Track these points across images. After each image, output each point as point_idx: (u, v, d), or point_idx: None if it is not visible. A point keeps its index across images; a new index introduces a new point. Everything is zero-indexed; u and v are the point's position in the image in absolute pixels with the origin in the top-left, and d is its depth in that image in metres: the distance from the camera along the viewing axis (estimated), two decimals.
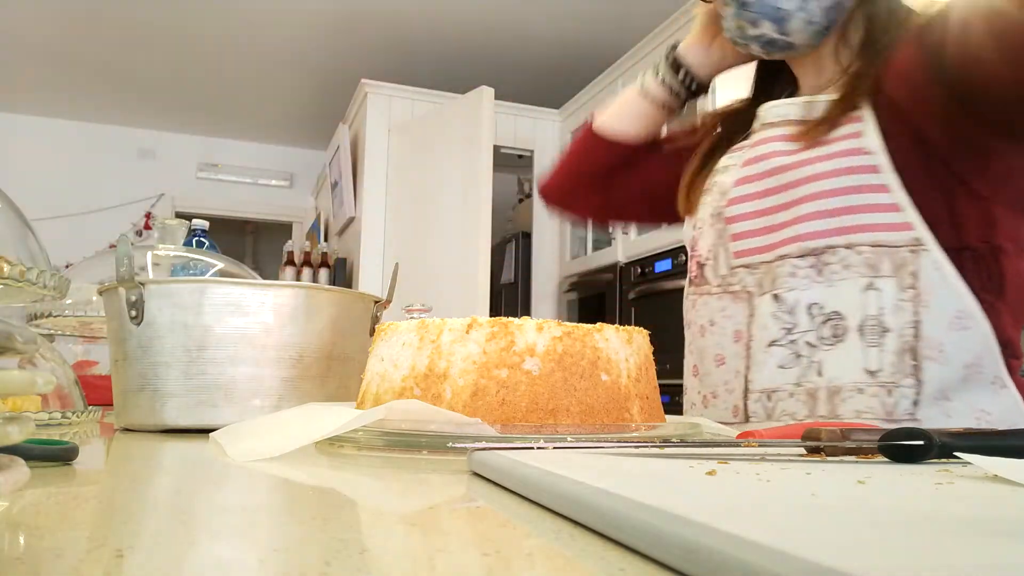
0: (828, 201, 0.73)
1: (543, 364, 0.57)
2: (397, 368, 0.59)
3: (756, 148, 0.81)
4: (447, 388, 0.57)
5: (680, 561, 0.22)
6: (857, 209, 0.72)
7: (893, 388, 0.70)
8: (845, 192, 0.72)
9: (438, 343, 0.58)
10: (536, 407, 0.56)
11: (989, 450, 0.38)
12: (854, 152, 0.73)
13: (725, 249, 0.83)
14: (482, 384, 0.56)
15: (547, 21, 3.64)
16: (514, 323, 0.58)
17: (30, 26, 3.75)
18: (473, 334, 0.57)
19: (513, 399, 0.56)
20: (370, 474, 0.49)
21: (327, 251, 4.18)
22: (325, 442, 0.55)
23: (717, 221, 0.84)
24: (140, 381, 0.75)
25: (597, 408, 0.58)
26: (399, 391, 0.58)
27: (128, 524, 0.30)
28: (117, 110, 4.90)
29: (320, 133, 5.08)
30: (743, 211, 0.81)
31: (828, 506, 0.27)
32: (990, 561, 0.19)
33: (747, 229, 0.80)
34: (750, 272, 0.80)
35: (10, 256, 0.50)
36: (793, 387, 0.75)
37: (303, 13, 3.61)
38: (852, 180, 0.72)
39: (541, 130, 4.02)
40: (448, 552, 0.26)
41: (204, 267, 1.15)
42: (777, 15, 0.78)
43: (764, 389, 0.77)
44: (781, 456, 0.44)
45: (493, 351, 0.57)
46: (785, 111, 0.81)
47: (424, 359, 0.58)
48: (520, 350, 0.57)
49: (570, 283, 3.82)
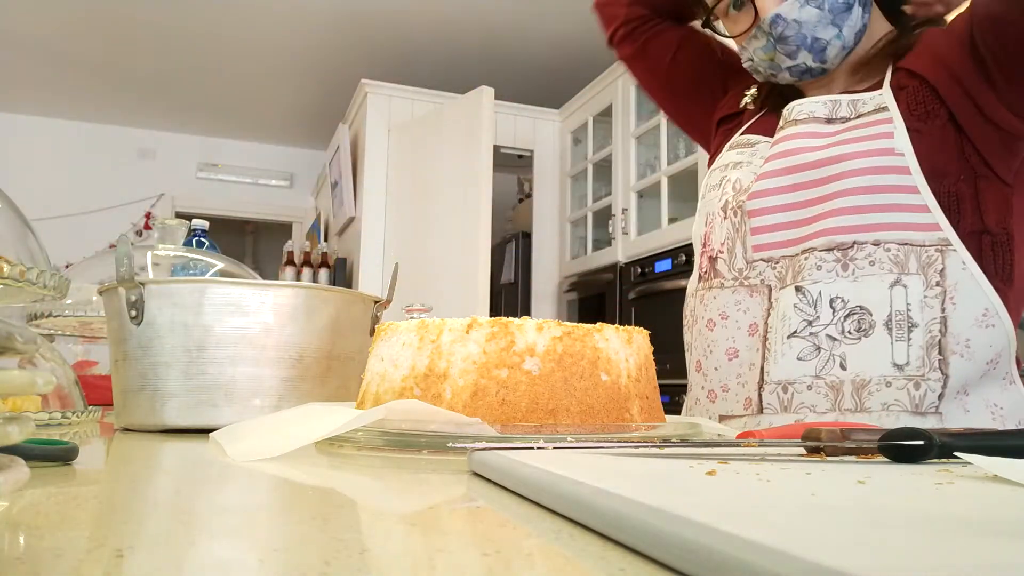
0: (858, 198, 0.74)
1: (543, 364, 0.57)
2: (397, 368, 0.59)
3: (782, 144, 0.82)
4: (447, 388, 0.57)
5: (680, 561, 0.22)
6: (886, 208, 0.73)
7: (921, 381, 0.72)
8: (876, 191, 0.74)
9: (438, 343, 0.58)
10: (536, 407, 0.56)
11: (989, 450, 0.38)
12: (885, 152, 0.74)
13: (743, 243, 0.83)
14: (482, 384, 0.56)
15: (547, 21, 3.64)
16: (514, 323, 0.58)
17: (30, 26, 3.74)
18: (473, 334, 0.57)
19: (513, 399, 0.56)
20: (370, 474, 0.49)
21: (327, 251, 4.18)
22: (325, 442, 0.55)
23: (734, 215, 0.84)
24: (140, 381, 0.75)
25: (597, 408, 0.58)
26: (399, 391, 0.58)
27: (128, 524, 0.30)
28: (117, 110, 4.90)
29: (320, 133, 5.08)
30: (766, 205, 0.81)
31: (828, 506, 0.27)
32: (990, 561, 0.19)
33: (770, 223, 0.81)
34: (770, 266, 0.81)
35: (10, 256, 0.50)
36: (812, 379, 0.75)
37: (303, 13, 3.61)
38: (882, 179, 0.74)
39: (541, 130, 4.02)
40: (448, 552, 0.26)
41: (204, 267, 1.15)
42: (816, 45, 0.80)
43: (780, 381, 0.77)
44: (781, 456, 0.44)
45: (493, 351, 0.57)
46: (812, 108, 0.82)
47: (424, 359, 0.58)
48: (520, 350, 0.57)
49: (570, 283, 3.82)
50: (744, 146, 0.89)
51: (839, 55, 0.81)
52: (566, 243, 3.92)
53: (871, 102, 0.79)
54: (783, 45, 0.81)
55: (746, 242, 0.83)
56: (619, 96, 3.42)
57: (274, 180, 5.54)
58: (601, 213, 3.61)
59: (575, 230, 3.90)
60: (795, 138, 0.81)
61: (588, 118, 3.72)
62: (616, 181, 3.41)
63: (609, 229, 3.42)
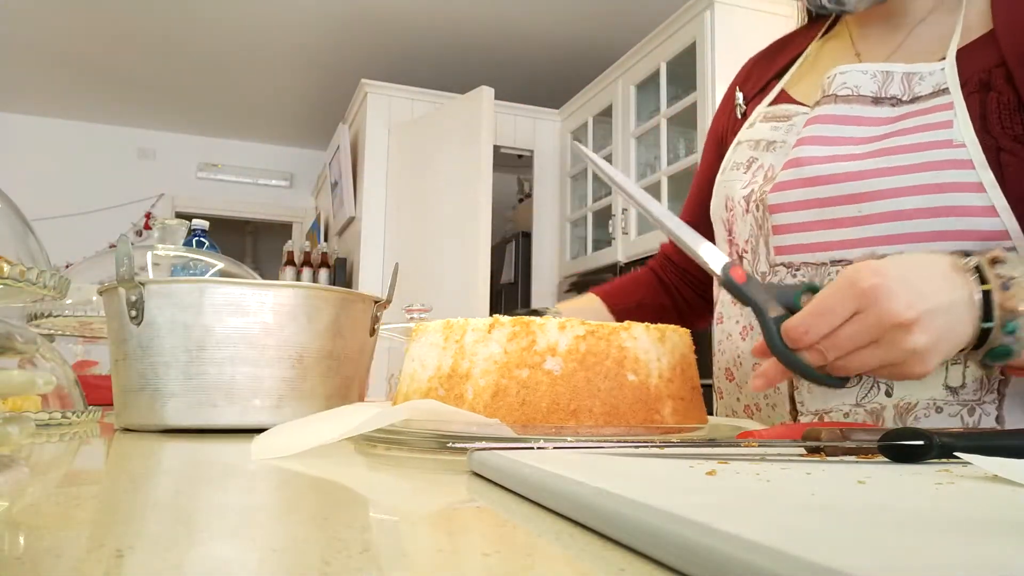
0: (903, 200, 0.63)
1: (565, 364, 0.56)
2: (424, 368, 0.60)
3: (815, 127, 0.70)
4: (469, 388, 0.56)
5: (680, 561, 0.22)
6: (941, 212, 0.62)
7: (976, 406, 0.62)
8: (927, 191, 0.62)
9: (462, 343, 0.58)
10: (557, 408, 0.55)
11: (989, 450, 0.38)
12: (941, 144, 0.62)
13: (766, 243, 0.72)
14: (503, 384, 0.55)
15: (547, 21, 3.64)
16: (536, 322, 0.57)
17: (30, 26, 3.75)
18: (495, 333, 0.57)
19: (533, 399, 0.55)
20: (370, 474, 0.49)
21: (327, 251, 4.18)
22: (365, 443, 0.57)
23: (756, 209, 0.73)
24: (140, 381, 0.75)
25: (622, 409, 0.56)
26: (425, 391, 0.58)
27: (128, 524, 0.30)
28: (117, 110, 4.90)
29: (320, 133, 5.08)
30: (787, 200, 0.69)
31: (828, 506, 0.27)
32: (990, 561, 0.19)
33: (791, 222, 0.69)
34: (790, 272, 0.70)
35: (10, 256, 0.50)
36: (851, 408, 0.67)
37: (304, 13, 3.61)
38: (937, 177, 0.62)
39: (541, 130, 4.03)
40: (448, 552, 0.26)
41: (204, 267, 1.15)
42: None
43: (817, 411, 0.69)
44: (781, 456, 0.44)
45: (514, 351, 0.56)
46: (857, 80, 0.70)
47: (448, 359, 0.58)
48: (541, 349, 0.56)
49: (570, 283, 3.81)
50: (780, 119, 0.76)
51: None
52: (566, 243, 3.92)
53: (930, 79, 0.66)
54: None
55: (769, 242, 0.72)
56: (619, 96, 3.42)
57: (274, 180, 5.54)
58: (601, 213, 3.61)
59: (575, 230, 3.90)
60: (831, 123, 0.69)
61: (588, 118, 3.72)
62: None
63: (609, 229, 3.42)
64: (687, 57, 2.92)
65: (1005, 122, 0.62)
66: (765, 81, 0.84)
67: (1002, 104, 0.62)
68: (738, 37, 2.74)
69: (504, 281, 4.10)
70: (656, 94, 3.15)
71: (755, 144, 0.77)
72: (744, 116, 0.85)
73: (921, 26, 0.73)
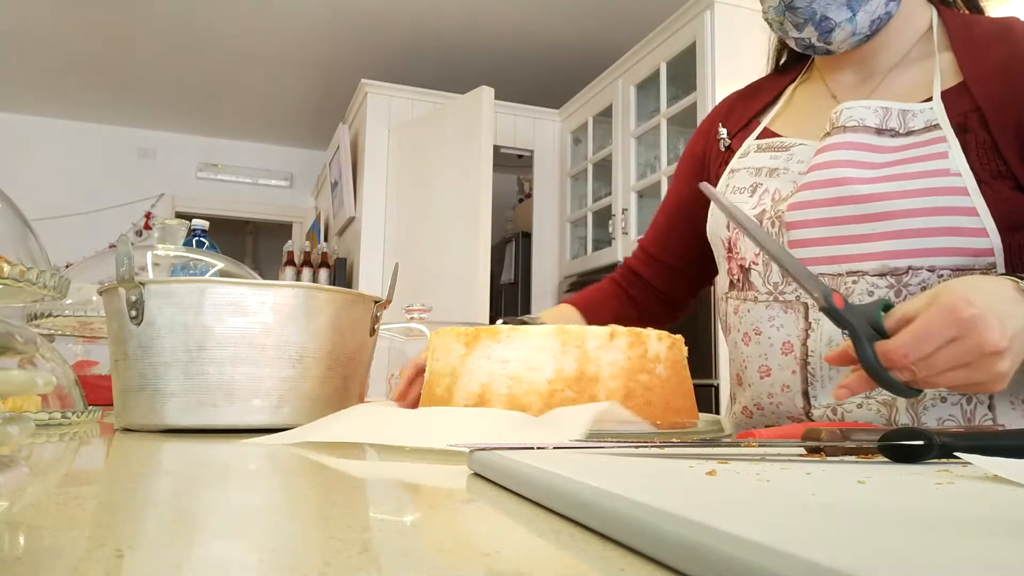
0: (913, 221, 0.71)
1: (666, 369, 0.65)
2: (536, 371, 0.62)
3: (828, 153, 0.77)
4: (600, 391, 0.62)
5: (680, 561, 0.22)
6: (942, 231, 0.70)
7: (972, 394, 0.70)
8: (932, 213, 0.70)
9: (583, 348, 0.63)
10: (667, 408, 0.64)
11: (989, 450, 0.38)
12: (941, 173, 0.71)
13: None
14: (630, 387, 0.63)
15: (547, 21, 3.64)
16: (643, 333, 0.65)
17: (30, 26, 3.75)
18: (616, 341, 0.64)
19: (654, 400, 0.63)
20: (370, 474, 0.49)
21: (327, 251, 4.18)
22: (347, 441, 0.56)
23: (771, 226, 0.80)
24: (140, 381, 0.75)
25: (689, 407, 0.66)
26: (547, 393, 0.62)
27: (128, 524, 0.30)
28: (117, 110, 4.91)
29: (320, 133, 5.08)
30: (806, 217, 0.76)
31: (828, 506, 0.27)
32: (990, 561, 0.19)
33: (810, 237, 0.76)
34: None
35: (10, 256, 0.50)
36: (862, 399, 0.73)
37: (303, 13, 3.61)
38: (939, 201, 0.70)
39: (541, 130, 4.03)
40: (448, 552, 0.26)
41: (204, 267, 1.15)
42: (824, 25, 0.77)
43: (830, 404, 0.75)
44: (781, 456, 0.44)
45: (634, 357, 0.64)
46: (861, 114, 0.78)
47: (572, 363, 0.62)
48: (652, 356, 0.65)
49: (570, 283, 3.81)
50: (778, 150, 0.85)
51: (847, 40, 0.78)
52: (566, 243, 3.92)
53: (921, 116, 0.75)
54: (791, 14, 0.78)
55: None
56: (619, 96, 3.42)
57: (274, 180, 5.54)
58: (601, 213, 3.61)
59: (575, 230, 3.90)
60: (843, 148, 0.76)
61: (588, 118, 3.72)
62: (616, 181, 3.41)
63: (609, 229, 3.42)
64: (687, 57, 2.92)
65: (983, 160, 0.71)
66: (748, 118, 0.93)
67: (979, 144, 0.72)
68: (738, 37, 2.74)
69: (504, 281, 4.10)
70: (656, 94, 3.15)
71: (756, 171, 0.85)
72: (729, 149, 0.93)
73: (893, 74, 0.82)
